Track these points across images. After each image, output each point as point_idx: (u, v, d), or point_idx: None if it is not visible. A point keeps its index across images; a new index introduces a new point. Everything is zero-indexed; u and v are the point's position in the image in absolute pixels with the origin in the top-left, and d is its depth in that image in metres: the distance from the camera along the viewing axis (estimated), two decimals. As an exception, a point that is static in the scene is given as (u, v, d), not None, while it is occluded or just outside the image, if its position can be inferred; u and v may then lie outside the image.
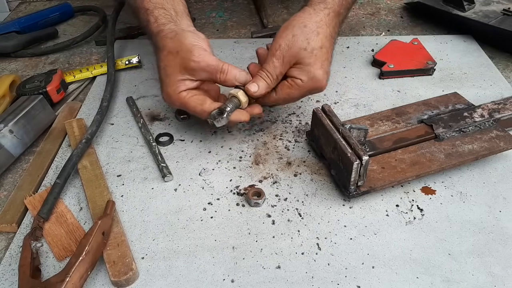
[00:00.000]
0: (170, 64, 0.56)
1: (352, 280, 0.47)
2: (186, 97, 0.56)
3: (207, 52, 0.56)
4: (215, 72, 0.55)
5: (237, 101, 0.57)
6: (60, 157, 0.61)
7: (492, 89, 0.74)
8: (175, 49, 0.55)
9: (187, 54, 0.54)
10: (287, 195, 0.56)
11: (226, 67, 0.55)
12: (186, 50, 0.55)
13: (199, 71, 0.55)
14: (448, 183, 0.58)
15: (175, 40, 0.56)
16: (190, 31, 0.58)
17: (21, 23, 0.88)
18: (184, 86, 0.56)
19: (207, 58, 0.55)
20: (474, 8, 0.87)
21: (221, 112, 0.55)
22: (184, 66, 0.55)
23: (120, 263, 0.46)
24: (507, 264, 0.49)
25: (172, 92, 0.56)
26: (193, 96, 0.56)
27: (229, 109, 0.55)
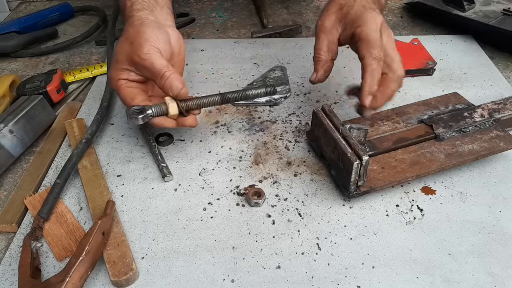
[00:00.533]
0: (121, 51, 0.55)
1: (352, 280, 0.47)
2: (122, 86, 0.56)
3: (157, 53, 0.54)
4: (156, 75, 0.54)
5: (164, 109, 0.55)
6: (60, 157, 0.61)
7: (492, 89, 0.74)
8: (130, 38, 0.55)
9: (137, 48, 0.54)
10: (287, 195, 0.56)
11: (168, 74, 0.53)
12: (138, 43, 0.54)
13: (143, 68, 0.55)
14: (448, 183, 0.58)
15: (136, 30, 0.55)
16: (156, 24, 0.57)
17: (21, 23, 0.88)
18: (125, 75, 0.56)
19: (153, 58, 0.53)
20: (474, 8, 0.87)
21: (140, 111, 0.54)
22: (131, 58, 0.54)
23: (120, 263, 0.46)
24: (507, 264, 0.49)
25: (113, 75, 0.57)
26: (129, 87, 0.56)
27: (150, 112, 0.54)
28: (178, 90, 0.54)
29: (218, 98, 0.58)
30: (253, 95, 0.61)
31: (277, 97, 0.71)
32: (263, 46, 0.85)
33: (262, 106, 0.71)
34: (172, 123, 0.56)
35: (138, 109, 0.54)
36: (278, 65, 0.79)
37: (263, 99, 0.71)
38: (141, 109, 0.54)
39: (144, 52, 0.53)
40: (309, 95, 0.73)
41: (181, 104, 0.55)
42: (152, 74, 0.54)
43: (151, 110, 0.54)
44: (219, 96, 0.58)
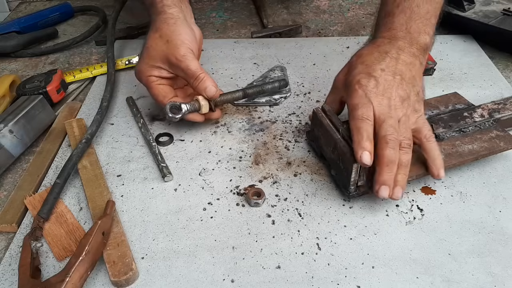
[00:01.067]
0: (156, 48, 0.58)
1: (352, 280, 0.47)
2: (153, 82, 0.60)
3: (191, 54, 0.58)
4: (191, 77, 0.58)
5: (197, 106, 0.60)
6: (60, 157, 0.61)
7: (492, 89, 0.74)
8: (166, 37, 0.57)
9: (174, 49, 0.57)
10: (287, 195, 0.56)
11: (202, 77, 0.58)
12: (175, 44, 0.57)
13: (177, 69, 0.58)
14: (448, 183, 0.58)
15: (171, 29, 0.58)
16: (187, 24, 0.60)
17: (21, 23, 0.88)
18: (157, 72, 0.59)
19: (189, 61, 0.57)
20: (474, 8, 0.87)
21: (178, 109, 0.59)
22: (166, 57, 0.57)
23: (120, 263, 0.46)
24: (507, 264, 0.49)
25: (144, 71, 0.60)
26: (161, 85, 0.60)
27: (186, 110, 0.59)
28: (213, 92, 0.59)
29: (240, 93, 0.65)
30: (269, 90, 0.68)
31: (277, 97, 0.71)
32: (263, 46, 0.85)
33: (262, 106, 0.71)
34: (201, 118, 0.62)
35: (176, 106, 0.59)
36: (278, 65, 0.79)
37: (263, 99, 0.71)
38: (178, 107, 0.59)
39: (181, 54, 0.57)
40: (309, 95, 0.73)
41: (211, 102, 0.61)
42: (186, 75, 0.58)
43: (187, 108, 0.60)
44: (241, 92, 0.65)
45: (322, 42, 0.87)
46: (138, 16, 0.97)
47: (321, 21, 0.97)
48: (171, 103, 0.59)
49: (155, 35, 0.58)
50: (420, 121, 0.53)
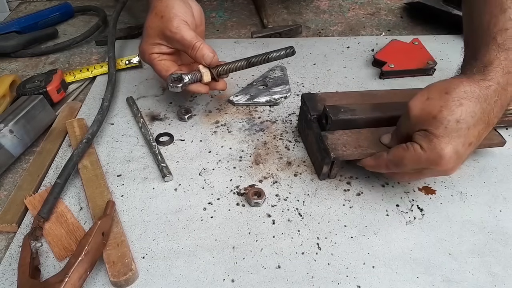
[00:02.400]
0: (152, 26, 0.60)
1: (352, 280, 0.47)
2: (155, 59, 0.61)
3: (186, 26, 0.59)
4: (187, 47, 0.59)
5: (199, 76, 0.61)
6: (60, 157, 0.61)
7: (492, 89, 0.74)
8: (160, 13, 0.59)
9: (167, 22, 0.58)
10: (287, 195, 0.56)
11: (198, 45, 0.58)
12: (168, 17, 0.58)
13: (174, 41, 0.59)
14: (448, 183, 0.58)
15: (164, 4, 0.59)
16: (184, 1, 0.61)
17: (21, 23, 0.88)
18: (158, 49, 0.61)
19: (183, 31, 0.58)
20: (474, 8, 0.87)
21: (179, 80, 0.59)
22: (162, 32, 0.59)
23: (120, 263, 0.46)
24: (507, 264, 0.49)
25: (146, 50, 0.61)
26: (162, 60, 0.61)
27: (187, 80, 0.60)
28: (210, 58, 0.59)
29: (244, 62, 0.64)
30: (274, 58, 0.65)
31: (277, 97, 0.71)
32: (263, 46, 0.85)
33: (262, 106, 0.71)
34: (205, 88, 0.62)
35: (177, 77, 0.60)
36: (278, 65, 0.79)
37: (263, 99, 0.71)
38: (179, 77, 0.60)
39: (175, 26, 0.58)
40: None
41: (213, 71, 0.61)
42: (183, 46, 0.59)
43: (188, 78, 0.60)
44: (244, 61, 0.64)
45: (322, 42, 0.87)
46: (138, 16, 0.97)
47: (321, 21, 0.97)
48: (173, 75, 0.60)
49: (151, 14, 0.60)
50: None
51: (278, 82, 0.75)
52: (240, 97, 0.71)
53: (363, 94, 0.64)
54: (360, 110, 0.57)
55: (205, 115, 0.69)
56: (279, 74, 0.77)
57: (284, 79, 0.75)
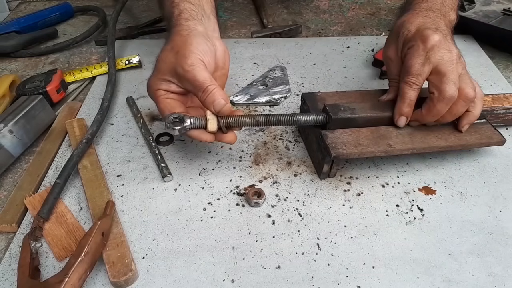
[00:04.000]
0: (165, 60, 0.53)
1: (352, 280, 0.47)
2: (161, 96, 0.54)
3: (201, 65, 0.52)
4: (198, 89, 0.51)
5: (204, 122, 0.52)
6: (60, 157, 0.61)
7: (492, 89, 0.74)
8: (176, 48, 0.53)
9: (182, 59, 0.51)
10: (287, 195, 0.56)
11: (211, 89, 0.51)
12: (183, 54, 0.52)
13: (185, 81, 0.52)
14: (448, 183, 0.58)
15: (183, 39, 0.53)
16: (204, 36, 0.54)
17: (21, 23, 0.88)
18: (166, 86, 0.54)
19: (196, 71, 0.51)
20: (474, 8, 0.87)
21: (180, 121, 0.51)
22: (174, 68, 0.52)
23: (120, 263, 0.46)
24: (507, 264, 0.49)
25: (153, 84, 0.54)
26: (168, 99, 0.54)
27: (188, 124, 0.51)
28: (220, 106, 0.51)
29: (262, 119, 0.55)
30: (300, 121, 0.56)
31: (277, 97, 0.71)
32: (263, 46, 0.85)
33: (262, 106, 0.71)
34: (210, 137, 0.54)
35: (178, 118, 0.51)
36: (278, 65, 0.79)
37: (263, 99, 0.71)
38: (181, 118, 0.51)
39: (188, 64, 0.51)
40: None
41: (221, 121, 0.52)
42: (194, 88, 0.52)
43: (189, 122, 0.51)
44: (263, 117, 0.55)
45: (322, 42, 0.87)
46: (138, 16, 0.97)
47: (321, 21, 0.97)
48: (174, 114, 0.51)
49: (167, 47, 0.54)
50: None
51: (278, 82, 0.75)
52: (240, 97, 0.71)
53: (363, 94, 0.64)
54: (360, 109, 0.57)
55: (205, 115, 0.69)
56: (279, 74, 0.77)
57: (284, 79, 0.75)
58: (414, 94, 0.55)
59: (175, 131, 0.51)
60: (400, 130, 0.57)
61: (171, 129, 0.51)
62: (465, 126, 0.57)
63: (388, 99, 0.59)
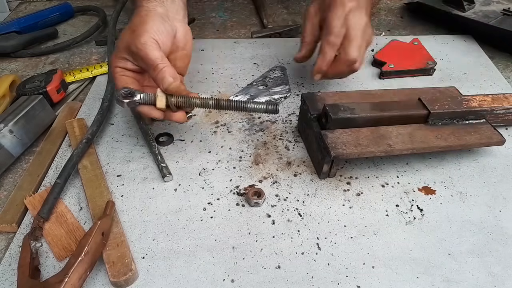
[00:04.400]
0: (123, 39, 0.56)
1: (352, 280, 0.47)
2: (117, 73, 0.57)
3: (154, 44, 0.54)
4: (150, 67, 0.54)
5: (153, 99, 0.54)
6: (60, 157, 0.61)
7: (492, 89, 0.74)
8: (133, 27, 0.55)
9: (136, 38, 0.54)
10: (287, 195, 0.56)
11: (161, 67, 0.53)
12: (138, 33, 0.54)
13: (138, 58, 0.55)
14: (448, 183, 0.58)
15: (140, 19, 0.55)
16: (161, 16, 0.56)
17: (21, 23, 0.88)
18: (123, 63, 0.57)
19: (148, 49, 0.53)
20: (474, 8, 0.87)
21: (129, 95, 0.54)
22: (129, 47, 0.55)
23: (120, 263, 0.46)
24: (507, 264, 0.49)
25: (112, 62, 0.58)
26: (124, 76, 0.57)
27: (138, 98, 0.54)
28: (167, 84, 0.53)
29: (212, 102, 0.56)
30: (251, 109, 0.57)
31: (277, 97, 0.71)
32: (263, 46, 0.85)
33: (262, 106, 0.71)
34: (159, 114, 0.56)
35: (128, 92, 0.54)
36: (278, 65, 0.79)
37: (263, 99, 0.71)
38: (132, 93, 0.54)
39: (141, 43, 0.53)
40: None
41: (170, 99, 0.55)
42: (146, 65, 0.54)
43: (139, 97, 0.54)
44: (214, 101, 0.56)
45: (322, 42, 0.87)
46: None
47: (321, 21, 0.97)
48: (126, 89, 0.54)
49: (126, 27, 0.57)
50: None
51: (278, 82, 0.75)
52: (240, 97, 0.71)
53: (363, 94, 0.64)
54: (360, 109, 0.57)
55: (205, 115, 0.69)
56: (279, 74, 0.77)
57: (284, 79, 0.75)
58: (333, 54, 0.61)
59: (124, 104, 0.53)
60: (400, 130, 0.57)
61: (120, 102, 0.53)
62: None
63: (302, 56, 0.66)
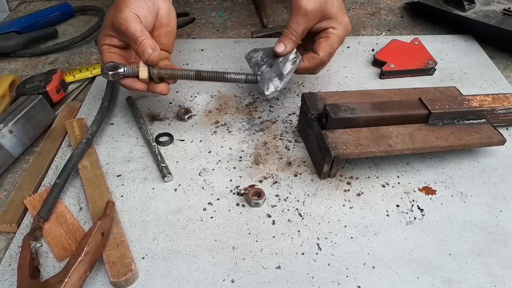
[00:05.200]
0: (108, 17, 0.58)
1: (353, 280, 0.47)
2: (105, 51, 0.59)
3: (134, 18, 0.56)
4: (131, 40, 0.56)
5: (136, 72, 0.57)
6: (60, 157, 0.61)
7: (493, 89, 0.74)
8: (116, 4, 0.57)
9: (118, 13, 0.56)
10: (287, 195, 0.56)
11: (141, 39, 0.55)
12: (120, 9, 0.56)
13: (120, 33, 0.57)
14: (449, 183, 0.58)
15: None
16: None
17: (21, 23, 0.88)
18: (109, 40, 0.59)
19: (129, 23, 0.55)
20: (474, 8, 0.87)
21: (114, 68, 0.56)
22: (113, 23, 0.57)
23: (120, 263, 0.46)
24: (507, 264, 0.49)
25: (99, 40, 0.60)
26: (110, 53, 0.59)
27: (121, 71, 0.56)
28: (148, 55, 0.55)
29: (192, 73, 0.59)
30: (231, 79, 0.59)
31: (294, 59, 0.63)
32: (263, 46, 0.85)
33: (262, 106, 0.71)
34: (142, 86, 0.58)
35: (112, 66, 0.56)
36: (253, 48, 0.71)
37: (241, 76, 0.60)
38: (116, 66, 0.56)
39: (122, 17, 0.55)
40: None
41: (152, 70, 0.57)
42: (128, 39, 0.56)
43: (123, 70, 0.56)
44: (194, 72, 0.59)
45: (322, 42, 0.87)
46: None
47: (321, 21, 0.97)
48: (111, 63, 0.57)
49: (111, 6, 0.58)
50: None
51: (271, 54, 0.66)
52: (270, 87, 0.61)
53: (363, 94, 0.64)
54: (360, 109, 0.57)
55: (205, 115, 0.69)
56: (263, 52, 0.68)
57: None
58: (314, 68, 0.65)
59: (109, 76, 0.56)
60: (400, 130, 0.57)
61: (105, 74, 0.56)
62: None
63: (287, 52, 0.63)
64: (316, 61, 0.63)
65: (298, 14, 0.61)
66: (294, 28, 0.62)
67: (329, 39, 0.62)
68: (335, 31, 0.62)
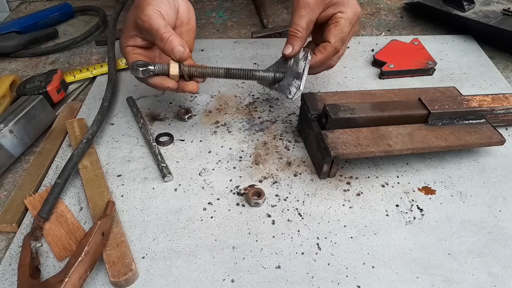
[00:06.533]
0: (129, 17, 0.57)
1: (352, 280, 0.47)
2: (129, 52, 0.57)
3: (157, 14, 0.54)
4: (155, 37, 0.54)
5: (166, 68, 0.55)
6: (60, 157, 0.61)
7: (492, 89, 0.74)
8: (137, 4, 0.56)
9: (140, 11, 0.54)
10: (287, 195, 0.56)
11: (167, 36, 0.53)
12: (142, 7, 0.55)
13: (144, 31, 0.55)
14: (448, 183, 0.58)
15: None
16: None
17: (21, 23, 0.88)
18: (132, 41, 0.57)
19: (152, 20, 0.54)
20: (474, 8, 0.87)
21: (144, 66, 0.55)
22: (135, 22, 0.55)
23: (120, 263, 0.46)
24: (507, 264, 0.49)
25: (122, 42, 0.58)
26: (135, 54, 0.57)
27: (151, 68, 0.55)
28: (180, 53, 0.54)
29: (222, 71, 0.58)
30: (260, 77, 0.59)
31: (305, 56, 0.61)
32: (263, 46, 0.85)
33: (262, 106, 0.71)
34: (172, 84, 0.56)
35: (142, 63, 0.55)
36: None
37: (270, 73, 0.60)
38: (145, 64, 0.55)
39: (145, 14, 0.54)
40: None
41: (183, 68, 0.56)
42: (152, 36, 0.55)
43: (153, 67, 0.55)
44: (224, 69, 0.58)
45: (322, 42, 0.87)
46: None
47: (321, 21, 0.97)
48: (139, 61, 0.56)
49: (131, 7, 0.57)
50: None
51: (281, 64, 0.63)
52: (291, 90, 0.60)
53: (363, 94, 0.64)
54: (360, 109, 0.57)
55: (205, 115, 0.69)
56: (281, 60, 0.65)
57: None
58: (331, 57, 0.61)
59: (139, 72, 0.54)
60: (400, 130, 0.57)
61: (135, 71, 0.55)
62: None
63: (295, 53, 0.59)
64: (328, 49, 0.58)
65: (300, 7, 0.58)
66: (298, 23, 0.58)
67: (338, 24, 0.58)
68: (342, 14, 0.58)
